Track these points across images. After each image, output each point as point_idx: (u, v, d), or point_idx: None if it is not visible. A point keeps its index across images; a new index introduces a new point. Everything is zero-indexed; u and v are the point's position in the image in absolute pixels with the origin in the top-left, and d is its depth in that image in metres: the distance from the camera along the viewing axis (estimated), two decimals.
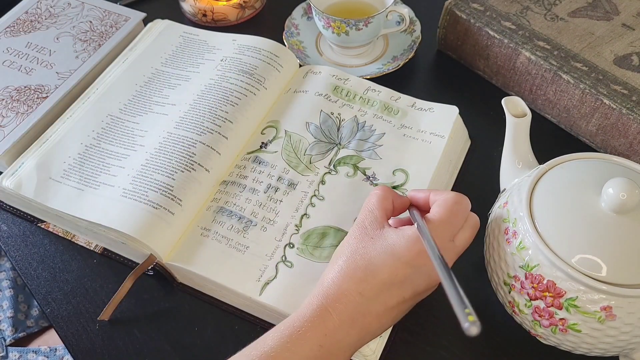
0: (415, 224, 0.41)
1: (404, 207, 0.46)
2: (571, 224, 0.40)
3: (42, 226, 0.56)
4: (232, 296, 0.49)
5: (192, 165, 0.53)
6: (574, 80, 0.57)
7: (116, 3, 0.72)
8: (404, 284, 0.40)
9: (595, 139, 0.59)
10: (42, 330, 0.74)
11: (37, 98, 0.61)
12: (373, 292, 0.39)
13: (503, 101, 0.50)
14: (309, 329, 0.39)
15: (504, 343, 0.48)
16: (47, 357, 0.69)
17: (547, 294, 0.40)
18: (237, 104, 0.58)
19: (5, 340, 0.71)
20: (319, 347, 0.38)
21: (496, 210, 0.47)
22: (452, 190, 0.57)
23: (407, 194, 0.48)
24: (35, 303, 0.75)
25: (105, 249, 0.54)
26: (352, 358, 0.46)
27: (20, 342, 0.72)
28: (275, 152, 0.56)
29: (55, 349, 0.70)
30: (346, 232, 0.50)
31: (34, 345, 0.72)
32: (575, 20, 0.62)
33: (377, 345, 0.46)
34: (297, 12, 0.72)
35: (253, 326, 0.49)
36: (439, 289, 0.39)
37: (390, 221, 0.45)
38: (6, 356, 0.69)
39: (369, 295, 0.39)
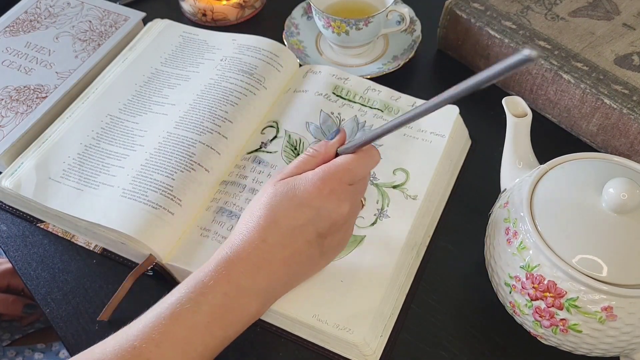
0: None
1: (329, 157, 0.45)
2: (572, 224, 0.40)
3: (42, 226, 0.56)
4: None
5: (192, 165, 0.53)
6: (575, 80, 0.57)
7: (115, 3, 0.72)
8: (305, 227, 0.40)
9: (596, 139, 0.59)
10: (38, 331, 0.74)
11: (36, 98, 0.61)
12: (275, 238, 0.40)
13: (503, 101, 0.49)
14: (213, 279, 0.39)
15: (504, 343, 0.48)
16: (43, 353, 0.69)
17: (547, 294, 0.40)
18: (237, 104, 0.58)
19: (2, 342, 0.71)
20: (223, 295, 0.39)
21: (497, 210, 0.47)
22: (453, 190, 0.57)
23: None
24: None
25: (104, 249, 0.54)
26: (351, 358, 0.46)
27: (17, 343, 0.72)
28: (275, 152, 0.56)
29: (52, 345, 0.70)
30: None
31: (30, 344, 0.72)
32: (575, 20, 0.62)
33: (377, 345, 0.46)
34: (297, 11, 0.72)
35: (253, 326, 0.49)
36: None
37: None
38: (3, 355, 0.69)
39: (272, 241, 0.40)
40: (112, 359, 0.37)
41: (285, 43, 0.68)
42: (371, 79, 0.63)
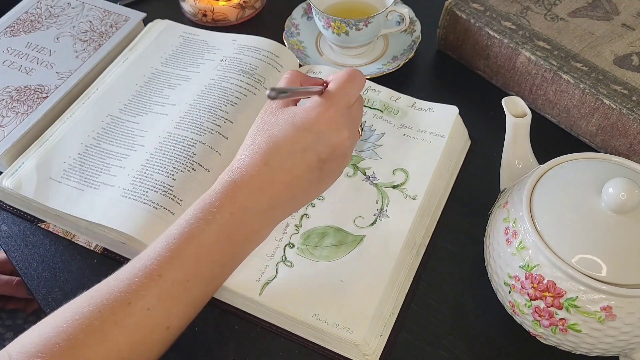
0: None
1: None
2: (571, 224, 0.40)
3: (42, 226, 0.56)
4: (232, 296, 0.49)
5: (193, 165, 0.53)
6: (574, 80, 0.57)
7: (116, 3, 0.72)
8: (306, 152, 0.42)
9: (596, 139, 0.59)
10: None
11: (37, 98, 0.61)
12: (277, 161, 0.42)
13: (503, 101, 0.50)
14: (220, 200, 0.42)
15: (504, 343, 0.48)
16: None
17: (547, 294, 0.40)
18: (237, 104, 0.58)
19: (4, 340, 0.71)
20: (230, 215, 0.41)
21: (496, 210, 0.47)
22: (452, 190, 0.57)
23: (320, 75, 0.56)
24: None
25: (105, 249, 0.54)
26: (351, 358, 0.46)
27: None
28: None
29: None
30: (346, 232, 0.51)
31: None
32: (575, 20, 0.62)
33: (377, 345, 0.46)
34: (297, 12, 0.72)
35: (253, 326, 0.49)
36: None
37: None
38: None
39: (274, 164, 0.42)
40: (125, 280, 0.39)
41: (286, 43, 0.68)
42: (371, 79, 0.64)
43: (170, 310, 0.40)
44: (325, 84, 0.46)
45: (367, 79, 0.63)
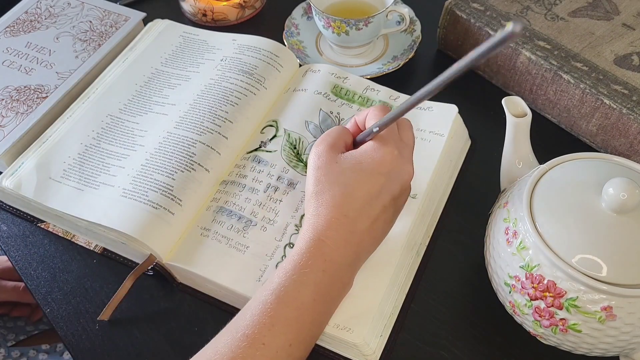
0: (373, 130, 0.44)
1: (356, 134, 0.47)
2: (571, 224, 0.40)
3: (42, 226, 0.56)
4: (232, 296, 0.49)
5: (192, 165, 0.53)
6: (574, 80, 0.57)
7: (116, 3, 0.72)
8: (381, 194, 0.43)
9: (596, 139, 0.59)
10: (42, 333, 0.74)
11: (36, 98, 0.61)
12: (355, 210, 0.42)
13: (503, 101, 0.50)
14: (310, 259, 0.41)
15: (504, 343, 0.48)
16: (48, 354, 0.70)
17: (547, 294, 0.40)
18: (237, 104, 0.58)
19: (7, 342, 0.71)
20: (322, 273, 0.41)
21: (496, 210, 0.47)
22: (452, 190, 0.57)
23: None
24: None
25: (105, 249, 0.54)
26: (351, 358, 0.46)
27: (22, 344, 0.73)
28: (275, 151, 0.56)
29: (56, 346, 0.71)
30: None
31: (35, 345, 0.72)
32: (575, 20, 0.62)
33: (377, 345, 0.46)
34: (297, 12, 0.72)
35: None
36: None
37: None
38: (7, 356, 0.69)
39: (353, 214, 0.42)
40: (227, 353, 0.38)
41: (286, 43, 0.68)
42: (371, 79, 0.64)
43: None
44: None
45: (367, 78, 0.63)
